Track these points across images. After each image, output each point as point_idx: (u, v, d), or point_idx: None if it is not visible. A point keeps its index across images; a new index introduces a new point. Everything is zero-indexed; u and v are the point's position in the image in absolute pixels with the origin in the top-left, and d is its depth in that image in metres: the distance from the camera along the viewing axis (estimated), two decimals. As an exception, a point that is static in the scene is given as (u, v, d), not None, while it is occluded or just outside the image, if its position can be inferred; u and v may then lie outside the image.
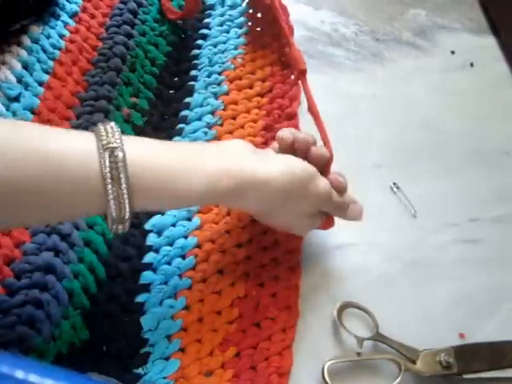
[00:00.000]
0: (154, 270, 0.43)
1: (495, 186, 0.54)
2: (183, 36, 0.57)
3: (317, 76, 0.57)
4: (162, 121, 0.51)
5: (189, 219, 0.45)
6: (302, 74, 0.46)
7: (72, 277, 0.40)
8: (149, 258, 0.43)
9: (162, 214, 0.45)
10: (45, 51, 0.50)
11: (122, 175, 0.30)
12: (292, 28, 0.54)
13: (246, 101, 0.53)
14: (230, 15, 0.58)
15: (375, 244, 0.48)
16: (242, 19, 0.58)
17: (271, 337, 0.41)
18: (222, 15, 0.58)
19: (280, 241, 0.45)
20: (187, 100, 0.52)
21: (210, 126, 0.51)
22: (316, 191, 0.39)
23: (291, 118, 0.52)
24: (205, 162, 0.35)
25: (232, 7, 0.59)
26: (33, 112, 0.46)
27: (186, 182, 0.33)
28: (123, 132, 0.48)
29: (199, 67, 0.54)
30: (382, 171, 0.53)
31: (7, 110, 0.46)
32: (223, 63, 0.55)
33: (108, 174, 0.30)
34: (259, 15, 0.57)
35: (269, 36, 0.56)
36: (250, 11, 0.58)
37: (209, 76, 0.53)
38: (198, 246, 0.44)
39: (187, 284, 0.42)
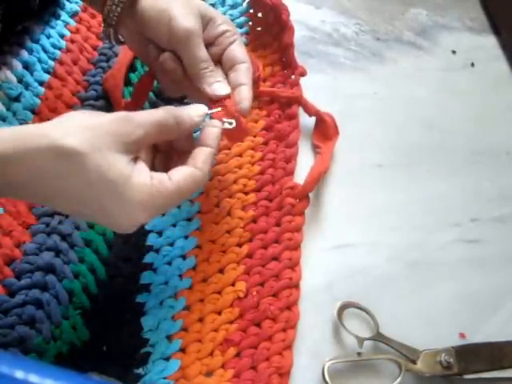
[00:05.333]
0: (155, 270, 0.43)
1: (496, 186, 0.54)
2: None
3: (317, 76, 0.57)
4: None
5: (189, 219, 0.45)
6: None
7: (72, 277, 0.40)
8: (149, 258, 0.43)
9: (163, 214, 0.45)
10: (45, 51, 0.50)
11: None
12: (292, 28, 0.54)
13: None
14: (231, 15, 0.58)
15: (376, 244, 0.48)
16: (242, 19, 0.58)
17: (271, 337, 0.41)
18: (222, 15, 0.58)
19: (280, 240, 0.45)
20: (187, 99, 0.52)
21: (210, 126, 0.50)
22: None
23: (291, 119, 0.52)
24: None
25: (232, 7, 0.59)
26: (33, 112, 0.47)
27: None
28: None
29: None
30: (383, 171, 0.53)
31: (8, 109, 0.46)
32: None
33: None
34: (260, 15, 0.57)
35: (269, 36, 0.56)
36: (251, 11, 0.58)
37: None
38: (199, 246, 0.44)
39: (188, 284, 0.42)
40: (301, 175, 0.48)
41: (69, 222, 0.42)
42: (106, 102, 0.48)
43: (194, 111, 0.37)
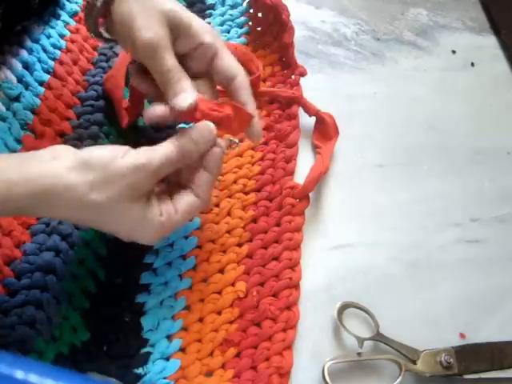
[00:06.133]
0: (155, 271, 0.43)
1: (496, 186, 0.54)
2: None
3: (317, 76, 0.57)
4: (163, 121, 0.50)
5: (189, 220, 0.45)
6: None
7: (72, 277, 0.40)
8: (149, 258, 0.43)
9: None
10: (45, 51, 0.50)
11: None
12: (293, 28, 0.54)
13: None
14: (231, 15, 0.58)
15: (376, 244, 0.48)
16: (242, 19, 0.58)
17: (271, 337, 0.41)
18: (222, 15, 0.58)
19: (280, 240, 0.45)
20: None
21: (210, 126, 0.50)
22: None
23: (291, 119, 0.52)
24: (5, 167, 0.32)
25: (233, 7, 0.59)
26: (33, 112, 0.46)
27: None
28: (125, 133, 0.48)
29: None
30: (383, 171, 0.53)
31: (8, 109, 0.46)
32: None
33: None
34: (260, 15, 0.57)
35: (269, 36, 0.56)
36: (251, 11, 0.58)
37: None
38: (199, 246, 0.44)
39: (187, 284, 0.42)
40: (301, 175, 0.48)
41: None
42: (106, 102, 0.48)
43: (202, 136, 0.37)
